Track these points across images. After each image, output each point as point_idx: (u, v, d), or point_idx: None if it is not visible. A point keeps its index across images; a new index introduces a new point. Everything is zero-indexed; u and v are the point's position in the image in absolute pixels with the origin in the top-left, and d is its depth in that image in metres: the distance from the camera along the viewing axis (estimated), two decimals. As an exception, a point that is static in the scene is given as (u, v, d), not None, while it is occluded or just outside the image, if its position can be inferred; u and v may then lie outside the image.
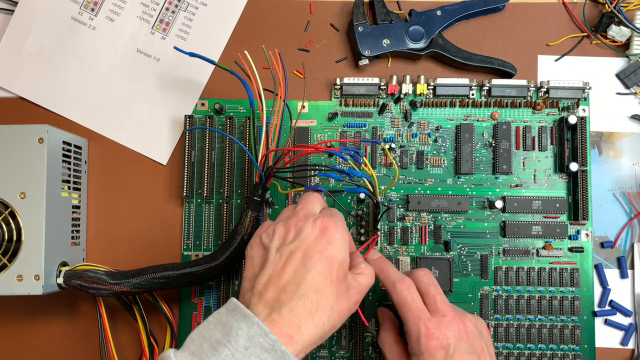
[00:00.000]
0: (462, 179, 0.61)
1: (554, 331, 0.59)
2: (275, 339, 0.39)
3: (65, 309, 0.61)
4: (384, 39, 0.61)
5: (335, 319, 0.43)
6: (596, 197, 0.61)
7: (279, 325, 0.40)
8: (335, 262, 0.44)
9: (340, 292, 0.44)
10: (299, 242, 0.44)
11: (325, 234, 0.45)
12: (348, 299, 0.44)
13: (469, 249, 0.60)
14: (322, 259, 0.43)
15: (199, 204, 0.61)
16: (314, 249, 0.44)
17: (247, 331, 0.39)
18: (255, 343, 0.39)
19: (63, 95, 0.63)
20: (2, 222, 0.52)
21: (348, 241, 0.47)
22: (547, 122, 0.61)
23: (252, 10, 0.64)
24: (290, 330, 0.40)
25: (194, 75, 0.63)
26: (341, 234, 0.45)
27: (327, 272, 0.43)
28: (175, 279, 0.54)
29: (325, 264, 0.43)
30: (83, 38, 0.64)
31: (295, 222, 0.46)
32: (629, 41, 0.62)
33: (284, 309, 0.41)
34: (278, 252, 0.44)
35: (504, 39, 0.63)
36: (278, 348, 0.39)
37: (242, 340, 0.39)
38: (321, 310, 0.42)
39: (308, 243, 0.44)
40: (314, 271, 0.43)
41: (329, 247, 0.44)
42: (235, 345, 0.38)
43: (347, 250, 0.46)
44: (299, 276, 0.42)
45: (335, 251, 0.44)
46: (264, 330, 0.39)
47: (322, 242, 0.44)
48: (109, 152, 0.63)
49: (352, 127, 0.62)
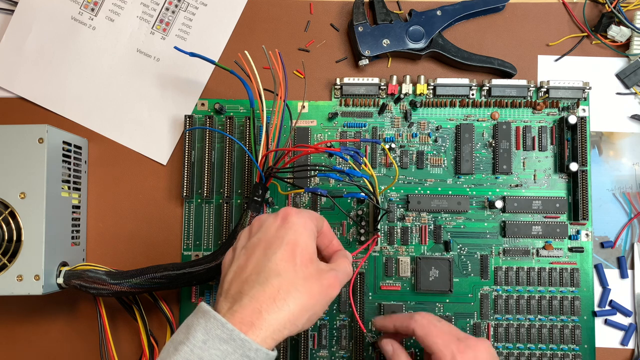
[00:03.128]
0: (462, 179, 0.61)
1: (554, 331, 0.59)
2: (233, 328, 0.39)
3: (65, 309, 0.61)
4: (384, 39, 0.61)
5: (304, 301, 0.41)
6: (596, 197, 0.61)
7: (240, 315, 0.40)
8: (298, 246, 0.43)
9: (309, 274, 0.43)
10: (260, 234, 0.44)
11: (285, 222, 0.44)
12: (320, 282, 0.43)
13: (469, 249, 0.60)
14: (282, 245, 0.43)
15: (199, 204, 0.61)
16: (274, 237, 0.43)
17: (204, 325, 0.39)
18: (212, 336, 0.39)
19: (63, 95, 0.63)
20: (2, 222, 0.52)
21: (312, 231, 0.45)
22: (547, 122, 0.61)
23: (252, 10, 0.64)
24: (251, 317, 0.40)
25: (194, 75, 0.63)
26: (303, 220, 0.45)
27: (288, 257, 0.42)
28: (175, 279, 0.54)
29: (285, 249, 0.42)
30: (83, 38, 0.64)
31: (257, 220, 0.46)
32: (629, 41, 0.62)
33: (245, 298, 0.40)
34: (242, 249, 0.44)
35: (504, 39, 0.63)
36: (237, 337, 0.38)
37: (200, 335, 0.39)
38: (283, 293, 0.41)
39: (270, 233, 0.44)
40: (274, 257, 0.42)
41: (288, 232, 0.43)
42: (194, 341, 0.38)
43: (310, 237, 0.45)
44: (260, 265, 0.42)
45: (296, 236, 0.43)
46: (220, 321, 0.39)
47: (282, 229, 0.44)
48: (109, 152, 0.63)
49: (352, 127, 0.62)
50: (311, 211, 0.48)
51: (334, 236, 0.50)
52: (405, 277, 0.60)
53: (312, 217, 0.46)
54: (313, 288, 0.42)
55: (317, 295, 0.43)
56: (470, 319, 0.59)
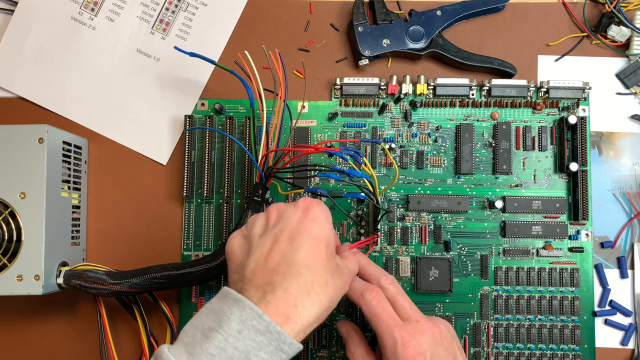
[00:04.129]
0: (462, 179, 0.61)
1: (554, 331, 0.59)
2: (269, 320, 0.38)
3: (65, 309, 0.61)
4: (384, 39, 0.61)
5: (332, 296, 0.42)
6: (596, 197, 0.61)
7: (275, 306, 0.39)
8: (322, 240, 0.43)
9: (332, 269, 0.43)
10: (282, 225, 0.43)
11: (308, 213, 0.44)
12: (341, 277, 0.43)
13: (469, 249, 0.60)
14: (309, 238, 0.42)
15: (199, 204, 0.61)
16: (299, 229, 0.43)
17: (239, 315, 0.38)
18: (248, 326, 0.38)
19: (63, 95, 0.63)
20: (2, 222, 0.52)
21: (331, 224, 0.46)
22: (547, 122, 0.61)
23: (252, 10, 0.64)
24: (286, 310, 0.39)
25: (194, 75, 0.63)
26: (325, 213, 0.45)
27: (316, 251, 0.42)
28: (175, 279, 0.54)
29: (312, 243, 0.42)
30: (83, 38, 0.64)
31: (276, 206, 0.46)
32: (629, 41, 0.62)
33: (278, 290, 0.40)
34: (262, 237, 0.43)
35: (504, 39, 0.63)
36: (273, 329, 0.38)
37: (235, 325, 0.38)
38: (317, 287, 0.40)
39: (292, 224, 0.43)
40: (302, 250, 0.41)
41: (314, 225, 0.43)
42: (228, 330, 0.38)
43: (332, 229, 0.45)
44: (288, 256, 0.41)
45: (321, 229, 0.43)
46: (257, 312, 0.38)
47: (306, 221, 0.43)
48: (109, 152, 0.63)
49: (352, 127, 0.62)
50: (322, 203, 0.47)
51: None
52: (405, 277, 0.60)
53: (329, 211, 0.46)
54: (337, 283, 0.42)
55: (340, 290, 0.43)
56: (470, 319, 0.59)
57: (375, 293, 0.48)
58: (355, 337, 0.52)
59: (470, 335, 0.59)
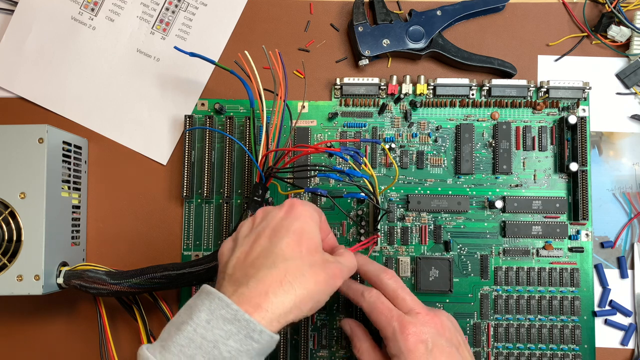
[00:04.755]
0: (462, 179, 0.61)
1: (554, 331, 0.59)
2: (237, 308, 0.38)
3: (65, 309, 0.61)
4: (384, 39, 0.61)
5: (310, 287, 0.41)
6: (596, 197, 0.61)
7: (247, 297, 0.39)
8: (304, 234, 0.43)
9: (314, 262, 0.43)
10: (265, 223, 0.44)
11: (292, 212, 0.45)
12: (324, 269, 0.43)
13: (469, 249, 0.60)
14: (288, 232, 0.43)
15: (199, 204, 0.61)
16: (280, 225, 0.43)
17: (208, 306, 0.39)
18: (217, 316, 0.38)
19: (63, 95, 0.63)
20: (2, 222, 0.52)
21: (317, 222, 0.46)
22: (547, 122, 0.61)
23: (252, 10, 0.64)
24: (258, 299, 0.39)
25: (194, 75, 0.63)
26: (309, 212, 0.45)
27: (294, 244, 0.42)
28: (175, 279, 0.54)
29: (291, 237, 0.43)
30: (83, 38, 0.64)
31: (262, 210, 0.47)
32: (629, 41, 0.62)
33: (252, 281, 0.40)
34: (246, 237, 0.44)
35: (504, 39, 0.63)
36: (241, 317, 0.38)
37: (204, 315, 0.38)
38: (290, 276, 0.41)
39: (275, 221, 0.44)
40: (281, 243, 0.42)
41: (295, 221, 0.44)
42: (197, 320, 0.38)
43: (316, 227, 0.45)
44: (266, 250, 0.42)
45: (302, 225, 0.44)
46: (226, 302, 0.39)
47: (289, 218, 0.44)
48: (109, 152, 0.63)
49: (352, 127, 0.62)
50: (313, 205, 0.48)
51: (330, 231, 0.51)
52: (405, 277, 0.60)
53: (315, 209, 0.47)
54: (319, 275, 0.42)
55: (322, 283, 0.42)
56: (470, 319, 0.59)
57: (374, 292, 0.49)
58: (359, 332, 0.52)
59: (470, 335, 0.59)
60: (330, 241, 0.51)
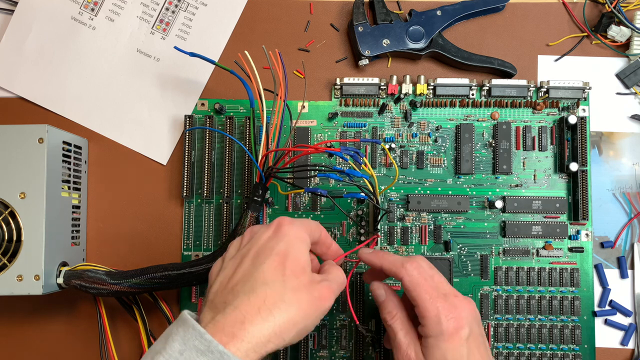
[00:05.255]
0: (462, 179, 0.61)
1: (554, 331, 0.59)
2: (211, 339, 0.36)
3: (65, 309, 0.61)
4: (384, 39, 0.61)
5: (292, 313, 0.39)
6: (596, 197, 0.61)
7: (222, 326, 0.38)
8: (288, 256, 0.42)
9: (299, 284, 0.41)
10: (250, 244, 0.43)
11: (278, 232, 0.43)
12: (309, 291, 0.41)
13: (469, 249, 0.60)
14: (271, 254, 0.41)
15: (199, 204, 0.61)
16: (264, 247, 0.42)
17: (182, 335, 0.37)
18: (190, 346, 0.37)
19: (63, 95, 0.63)
20: (2, 222, 0.52)
21: (306, 242, 0.44)
22: (547, 122, 0.61)
23: (252, 10, 0.64)
24: (233, 328, 0.37)
25: (194, 75, 0.63)
26: (295, 230, 0.43)
27: (277, 265, 0.41)
28: (175, 279, 0.54)
29: (274, 258, 0.41)
30: (83, 38, 0.64)
31: (250, 230, 0.45)
32: (629, 41, 0.62)
33: (229, 308, 0.39)
34: (232, 259, 0.43)
35: (504, 39, 0.63)
36: (215, 349, 0.36)
37: (177, 345, 0.37)
38: (269, 303, 0.39)
39: (260, 243, 0.43)
40: (262, 267, 0.40)
41: (280, 243, 0.42)
42: (170, 351, 0.37)
43: (302, 247, 0.43)
44: (247, 274, 0.41)
45: (287, 246, 0.42)
46: (199, 331, 0.37)
47: (274, 239, 0.42)
48: (109, 152, 0.63)
49: (352, 127, 0.62)
50: (307, 220, 0.47)
51: (332, 242, 0.49)
52: (405, 277, 0.60)
53: (306, 227, 0.45)
54: (302, 300, 0.40)
55: (306, 307, 0.40)
56: (470, 319, 0.59)
57: (416, 264, 0.46)
58: (395, 298, 0.49)
59: (470, 335, 0.59)
60: (333, 251, 0.49)
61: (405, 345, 0.46)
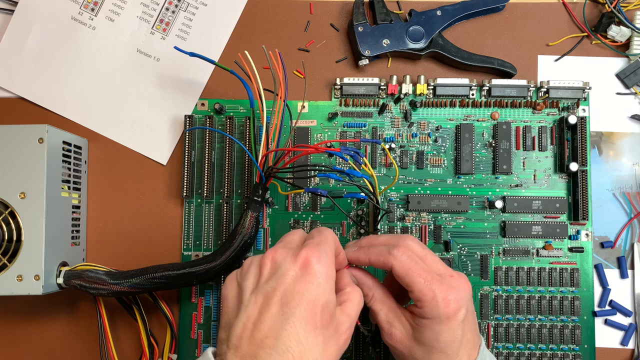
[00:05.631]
0: (462, 179, 0.61)
1: (554, 331, 0.59)
2: None
3: (65, 309, 0.61)
4: (384, 39, 0.61)
5: None
6: (596, 197, 0.61)
7: None
8: (319, 304, 0.39)
9: (328, 336, 0.39)
10: (275, 282, 0.39)
11: (306, 271, 0.39)
12: (337, 342, 0.40)
13: (469, 249, 0.60)
14: (302, 303, 0.38)
15: (199, 204, 0.61)
16: (292, 291, 0.39)
17: None
18: None
19: (63, 95, 0.63)
20: (2, 222, 0.52)
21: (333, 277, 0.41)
22: (547, 122, 0.61)
23: (252, 10, 0.64)
24: None
25: (194, 75, 0.63)
26: (325, 268, 0.40)
27: (309, 318, 0.38)
28: (175, 279, 0.54)
29: (306, 309, 0.38)
30: (83, 38, 0.64)
31: (272, 255, 0.41)
32: (629, 41, 0.62)
33: None
34: (253, 294, 0.40)
35: (504, 39, 0.63)
36: None
37: None
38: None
39: (286, 283, 0.39)
40: (293, 319, 0.38)
41: (310, 287, 0.39)
42: None
43: (332, 288, 0.41)
44: (277, 326, 0.37)
45: (319, 292, 0.39)
46: None
47: (302, 281, 0.39)
48: (109, 152, 0.63)
49: (352, 127, 0.62)
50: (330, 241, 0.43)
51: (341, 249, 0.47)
52: (405, 277, 0.60)
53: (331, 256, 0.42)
54: (331, 352, 0.39)
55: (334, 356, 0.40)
56: (470, 319, 0.59)
57: (404, 248, 0.44)
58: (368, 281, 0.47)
59: (470, 335, 0.59)
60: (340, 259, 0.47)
61: (387, 325, 0.45)
